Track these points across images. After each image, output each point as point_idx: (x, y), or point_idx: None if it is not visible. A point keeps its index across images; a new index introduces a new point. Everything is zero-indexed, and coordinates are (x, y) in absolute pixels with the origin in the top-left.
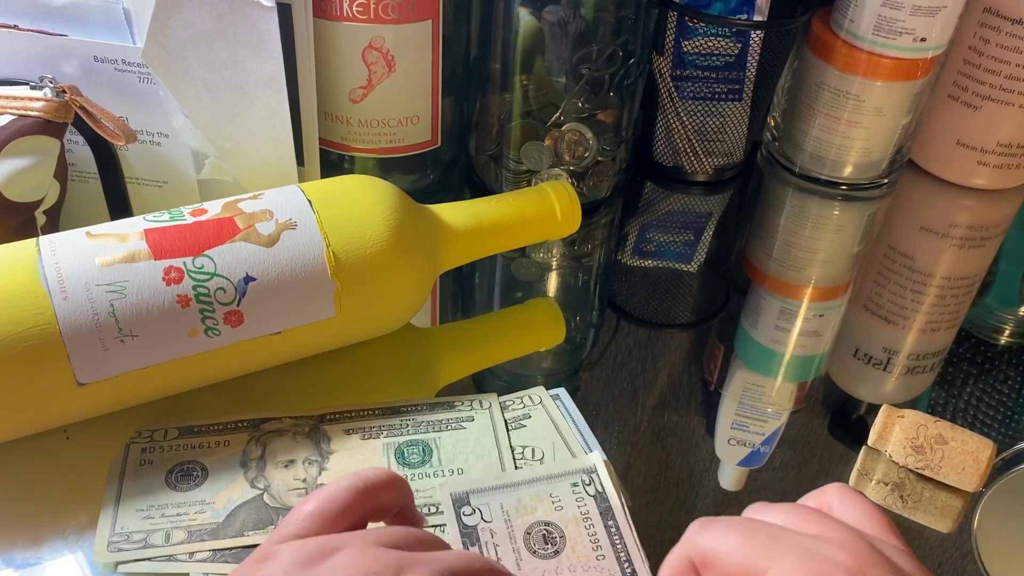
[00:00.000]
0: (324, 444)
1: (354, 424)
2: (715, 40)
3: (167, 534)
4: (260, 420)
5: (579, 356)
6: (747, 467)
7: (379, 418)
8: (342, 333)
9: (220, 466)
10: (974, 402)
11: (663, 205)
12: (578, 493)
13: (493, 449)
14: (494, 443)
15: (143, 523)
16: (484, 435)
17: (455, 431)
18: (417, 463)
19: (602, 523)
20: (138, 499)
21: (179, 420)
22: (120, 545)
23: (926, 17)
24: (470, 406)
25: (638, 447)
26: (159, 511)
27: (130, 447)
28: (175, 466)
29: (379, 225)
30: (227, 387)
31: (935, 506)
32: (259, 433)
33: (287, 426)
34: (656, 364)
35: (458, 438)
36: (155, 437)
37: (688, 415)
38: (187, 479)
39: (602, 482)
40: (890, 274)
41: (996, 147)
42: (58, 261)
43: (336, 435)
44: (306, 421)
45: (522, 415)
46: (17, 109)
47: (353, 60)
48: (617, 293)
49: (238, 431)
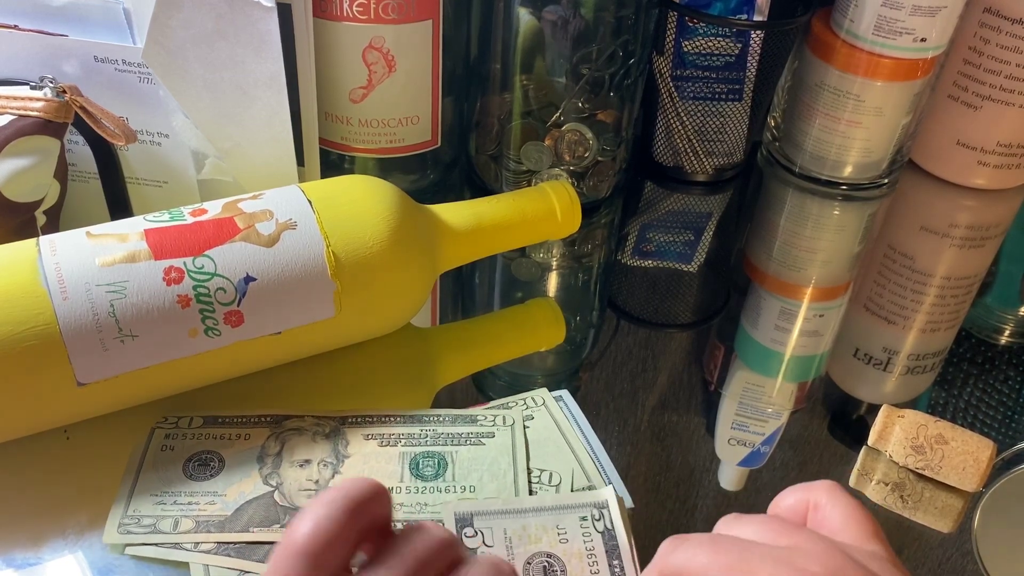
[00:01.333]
0: (342, 447)
1: (374, 430)
2: (715, 40)
3: (176, 521)
4: (283, 416)
5: (579, 356)
6: (747, 467)
7: (400, 425)
8: (342, 333)
9: (237, 459)
10: (974, 402)
11: (663, 205)
12: (586, 527)
13: (509, 469)
14: (511, 463)
15: (155, 508)
16: (502, 454)
17: (473, 446)
18: (430, 476)
19: (606, 561)
20: (154, 484)
21: (203, 409)
22: (130, 528)
23: (926, 17)
24: (492, 422)
25: (638, 447)
26: (172, 498)
27: (155, 431)
28: (194, 455)
29: (379, 225)
30: (222, 384)
31: (935, 506)
32: (280, 430)
33: (308, 425)
34: (656, 364)
35: (475, 454)
36: (180, 424)
37: (688, 415)
38: (204, 468)
39: (612, 519)
40: (890, 274)
41: (996, 147)
42: (58, 261)
43: (355, 439)
44: (328, 422)
45: (525, 416)
46: (17, 109)
47: (353, 60)
48: (617, 293)
49: (260, 425)
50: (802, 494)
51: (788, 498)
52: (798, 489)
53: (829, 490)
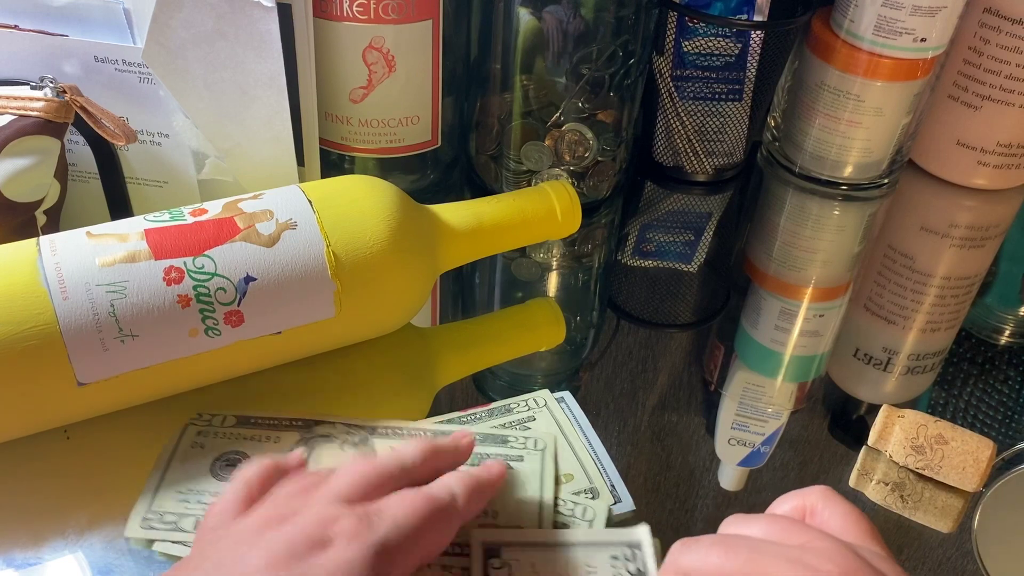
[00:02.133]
0: None
1: (402, 443)
2: (715, 40)
3: (197, 521)
4: (314, 422)
5: (579, 356)
6: (747, 467)
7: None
8: (342, 333)
9: None
10: (974, 402)
11: (663, 205)
12: (617, 568)
13: (536, 496)
14: (539, 490)
15: (178, 506)
16: (531, 480)
17: None
18: None
19: None
20: (180, 481)
21: (235, 408)
22: (152, 524)
23: (926, 17)
24: (523, 445)
25: (638, 447)
26: (196, 496)
27: (188, 428)
28: (222, 454)
29: (379, 225)
30: (219, 385)
31: (935, 506)
32: (310, 435)
33: (338, 432)
34: (656, 364)
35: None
36: (213, 422)
37: (688, 415)
38: (230, 469)
39: (645, 561)
40: (890, 274)
41: (996, 147)
42: (58, 261)
43: (383, 451)
44: (358, 431)
45: (527, 417)
46: (17, 109)
47: (353, 60)
48: (617, 293)
49: (291, 429)
50: (797, 500)
51: (784, 505)
52: (793, 496)
53: (824, 494)
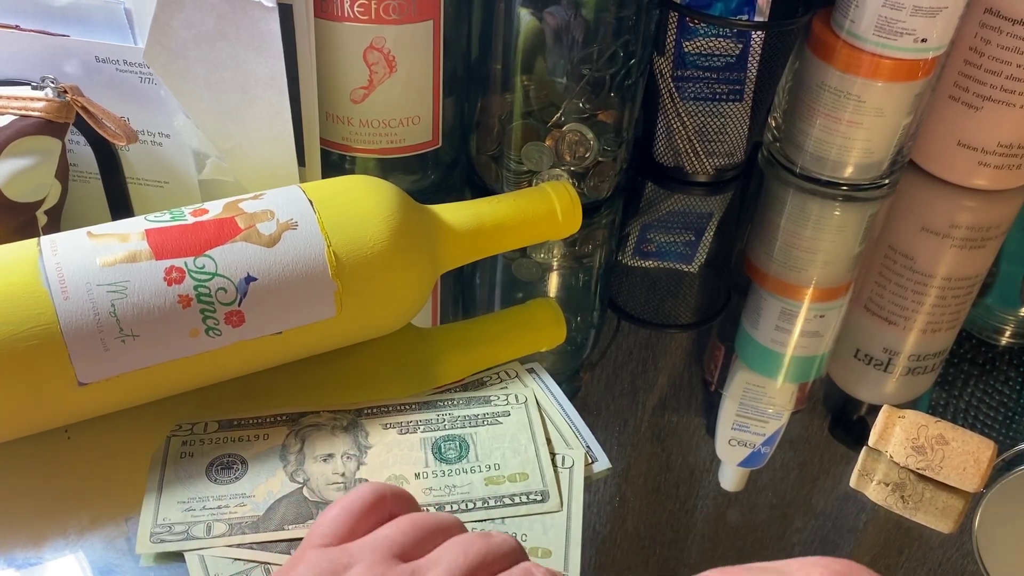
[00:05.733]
0: (362, 438)
1: (391, 419)
2: (716, 40)
3: (208, 526)
4: (299, 414)
5: (580, 357)
6: (748, 468)
7: (416, 412)
8: (343, 333)
9: (260, 459)
10: (975, 403)
11: (664, 205)
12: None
13: (530, 445)
14: (530, 438)
15: (184, 515)
16: (520, 430)
17: (492, 426)
18: (454, 459)
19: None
20: (179, 491)
21: (218, 413)
22: (163, 536)
23: (927, 18)
24: (505, 400)
25: (638, 447)
26: (200, 503)
27: (170, 440)
28: (215, 459)
29: (380, 225)
30: (219, 385)
31: (936, 507)
32: (298, 427)
33: (325, 420)
34: (657, 365)
35: (495, 433)
36: (195, 430)
37: (688, 415)
38: (227, 472)
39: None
40: (891, 275)
41: (997, 148)
42: (59, 261)
43: (374, 429)
44: (344, 415)
45: (500, 388)
46: (18, 109)
47: (354, 60)
48: (618, 293)
49: (277, 424)
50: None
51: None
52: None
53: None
